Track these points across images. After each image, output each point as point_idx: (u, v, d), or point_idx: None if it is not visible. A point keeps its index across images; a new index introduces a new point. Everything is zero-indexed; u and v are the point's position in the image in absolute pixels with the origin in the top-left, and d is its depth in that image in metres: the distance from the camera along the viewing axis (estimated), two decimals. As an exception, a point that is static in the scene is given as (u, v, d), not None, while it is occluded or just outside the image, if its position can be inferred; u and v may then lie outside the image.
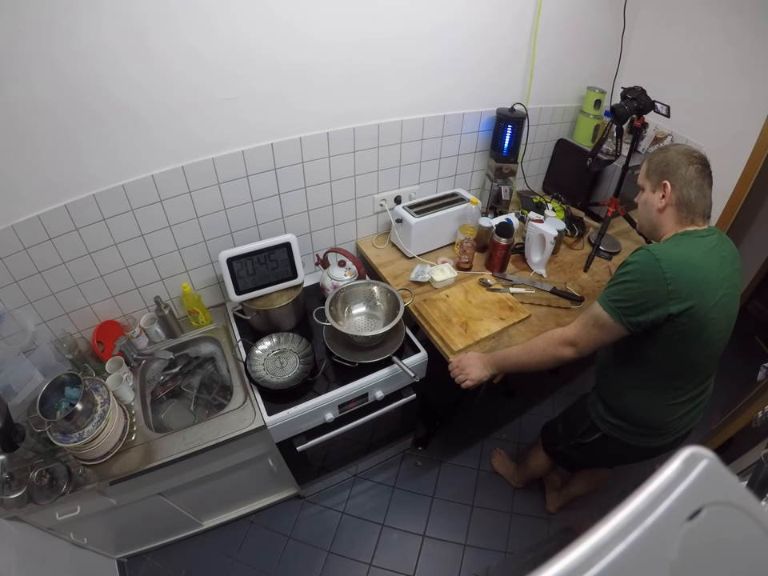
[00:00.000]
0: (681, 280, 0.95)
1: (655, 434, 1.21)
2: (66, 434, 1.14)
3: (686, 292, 0.96)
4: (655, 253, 0.98)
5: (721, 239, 1.06)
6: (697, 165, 1.03)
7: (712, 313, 1.00)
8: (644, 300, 0.98)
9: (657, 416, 1.17)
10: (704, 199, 1.05)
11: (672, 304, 0.96)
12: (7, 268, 1.24)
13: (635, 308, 1.00)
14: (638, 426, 1.20)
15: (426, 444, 2.08)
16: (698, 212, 1.05)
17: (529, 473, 1.82)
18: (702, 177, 1.04)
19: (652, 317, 0.99)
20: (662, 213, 1.09)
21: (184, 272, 1.57)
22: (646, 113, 1.55)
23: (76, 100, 1.10)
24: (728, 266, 1.04)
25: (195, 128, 1.29)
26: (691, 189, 1.03)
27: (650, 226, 1.14)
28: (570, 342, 1.13)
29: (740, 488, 0.29)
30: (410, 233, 1.68)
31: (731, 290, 1.04)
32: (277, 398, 1.37)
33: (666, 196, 1.06)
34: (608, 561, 0.25)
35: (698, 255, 0.99)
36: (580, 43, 1.80)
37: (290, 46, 1.28)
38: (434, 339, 1.45)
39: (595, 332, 1.08)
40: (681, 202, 1.05)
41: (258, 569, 1.71)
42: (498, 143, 1.79)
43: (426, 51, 1.49)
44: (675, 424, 1.18)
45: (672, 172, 1.05)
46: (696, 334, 1.01)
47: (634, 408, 1.18)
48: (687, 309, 0.96)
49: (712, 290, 0.99)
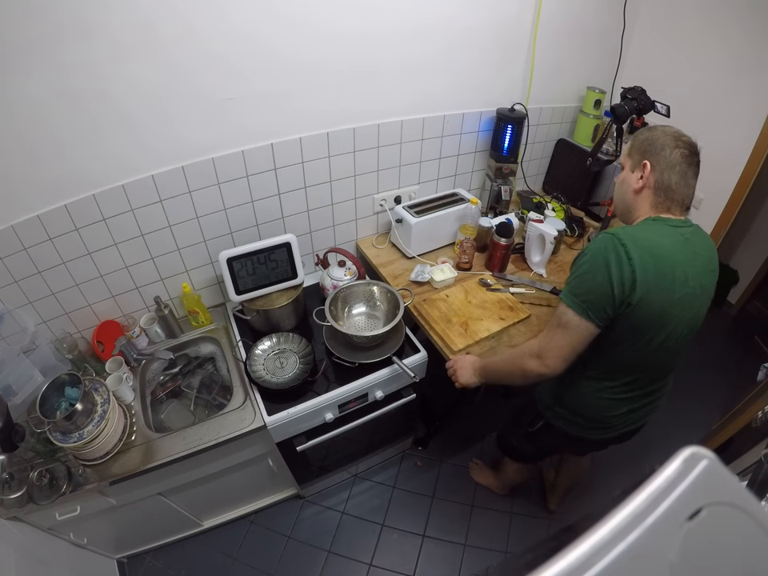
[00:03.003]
0: (645, 267, 0.89)
1: (595, 428, 1.17)
2: (66, 434, 1.14)
3: (648, 281, 0.90)
4: (619, 236, 0.91)
5: (697, 235, 1.00)
6: (683, 149, 0.96)
7: (674, 309, 0.94)
8: (609, 290, 0.91)
9: (600, 409, 1.13)
10: (685, 187, 0.98)
11: (633, 293, 0.90)
12: (7, 268, 1.24)
13: (602, 299, 0.92)
14: (578, 416, 1.17)
15: (425, 444, 2.08)
16: (676, 199, 0.98)
17: (507, 479, 1.82)
18: (687, 163, 0.96)
19: (618, 307, 0.92)
20: (638, 195, 1.02)
21: (184, 272, 1.57)
22: (645, 113, 1.55)
23: (76, 99, 1.10)
24: (700, 264, 0.98)
25: (195, 128, 1.29)
26: (673, 173, 0.96)
27: (624, 207, 1.07)
28: (534, 353, 1.03)
29: (740, 488, 0.29)
30: (410, 233, 1.68)
31: (699, 289, 0.98)
32: (277, 398, 1.37)
33: (644, 177, 0.99)
34: (608, 561, 0.25)
35: (667, 244, 0.93)
36: (580, 43, 1.80)
37: (294, 40, 1.27)
38: (434, 339, 1.45)
39: (560, 336, 0.98)
40: (659, 186, 0.98)
41: (258, 569, 1.71)
42: (498, 143, 1.79)
43: (425, 48, 1.49)
44: (618, 420, 1.14)
45: (655, 152, 0.98)
46: (652, 328, 0.96)
47: (579, 398, 1.13)
48: (647, 299, 0.91)
49: (678, 284, 0.93)
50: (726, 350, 2.57)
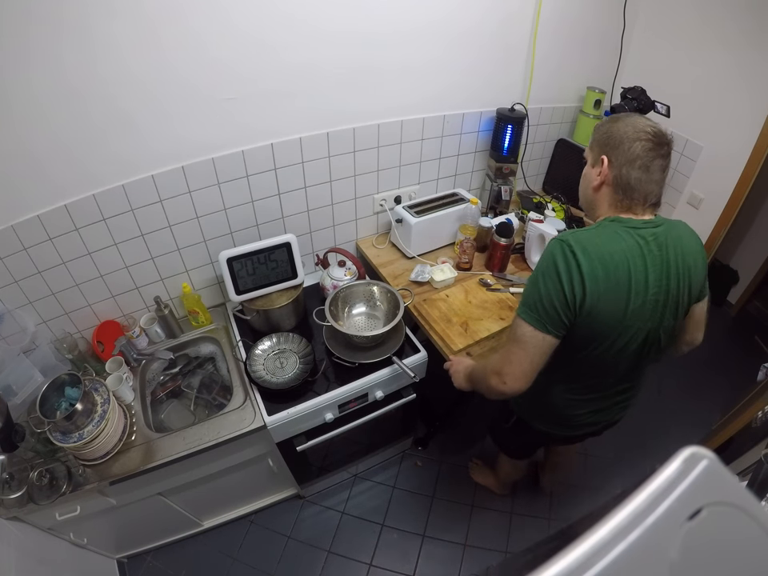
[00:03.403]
0: (594, 276, 0.85)
1: (563, 425, 1.17)
2: (66, 434, 1.14)
3: (598, 290, 0.86)
4: (569, 242, 0.87)
5: (666, 233, 0.91)
6: (645, 142, 0.87)
7: (630, 319, 0.90)
8: (563, 297, 0.86)
9: (564, 409, 1.13)
10: (648, 184, 0.89)
11: (584, 301, 0.86)
12: (7, 268, 1.24)
13: (556, 308, 0.87)
14: (545, 413, 1.17)
15: (425, 444, 2.08)
16: (637, 198, 0.90)
17: (504, 476, 1.81)
18: (651, 157, 0.87)
19: (573, 314, 0.88)
20: (597, 191, 0.95)
21: (184, 272, 1.57)
22: (645, 113, 1.56)
23: (76, 99, 1.10)
24: (660, 268, 0.90)
25: (195, 128, 1.29)
26: (632, 169, 0.88)
27: (586, 203, 1.02)
28: (495, 371, 0.98)
29: (740, 488, 0.29)
30: (410, 233, 1.68)
31: (664, 295, 0.92)
32: (277, 398, 1.37)
33: (602, 173, 0.93)
34: (608, 561, 0.25)
35: (621, 250, 0.87)
36: (580, 43, 1.80)
37: (294, 40, 1.27)
38: (434, 339, 1.45)
39: (516, 351, 0.93)
40: (618, 183, 0.91)
41: (258, 569, 1.70)
42: (498, 143, 1.79)
43: (425, 49, 1.49)
44: (584, 418, 1.14)
45: (613, 146, 0.90)
46: (609, 336, 0.92)
47: (543, 398, 1.11)
48: (598, 308, 0.87)
49: (633, 293, 0.88)
50: (726, 350, 2.57)
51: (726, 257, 2.74)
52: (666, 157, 0.89)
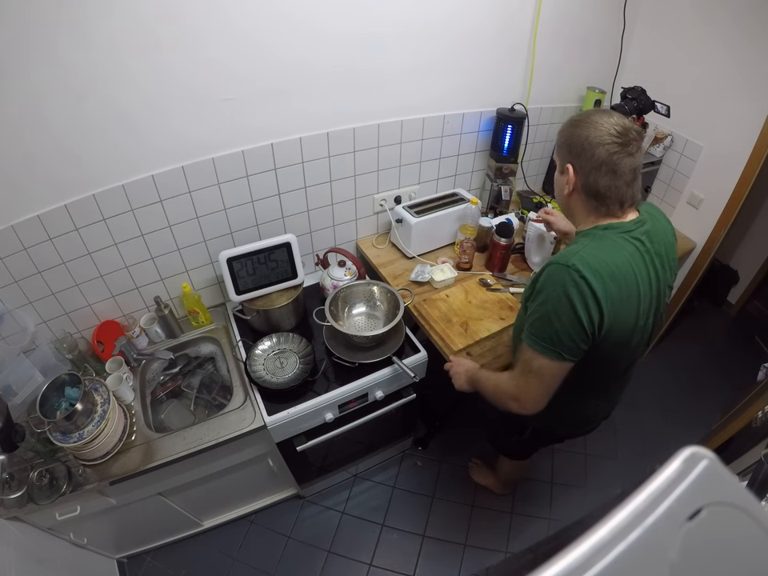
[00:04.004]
0: (609, 296, 0.82)
1: (582, 426, 1.20)
2: (66, 434, 1.14)
3: (615, 309, 0.84)
4: (576, 267, 0.82)
5: (653, 228, 0.91)
6: (609, 145, 0.82)
7: (640, 321, 0.91)
8: (579, 326, 0.83)
9: (582, 413, 1.15)
10: (619, 188, 0.85)
11: (602, 324, 0.84)
12: (7, 268, 1.24)
13: (573, 337, 0.84)
14: (562, 421, 1.18)
15: (426, 444, 2.08)
16: (611, 204, 0.87)
17: (506, 476, 1.81)
18: (617, 160, 0.83)
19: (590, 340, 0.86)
20: (570, 198, 0.93)
21: (184, 272, 1.57)
22: (646, 113, 1.56)
23: (76, 99, 1.10)
24: (658, 264, 0.91)
25: (195, 128, 1.29)
26: (599, 176, 0.85)
27: (564, 208, 0.99)
28: (511, 397, 0.98)
29: (740, 488, 0.29)
30: (410, 233, 1.68)
31: (661, 286, 0.95)
32: (277, 398, 1.37)
33: (569, 181, 0.90)
34: (608, 561, 0.25)
35: (623, 262, 0.85)
36: (580, 43, 1.80)
37: (293, 41, 1.27)
38: (434, 339, 1.45)
39: (534, 381, 0.91)
40: (588, 191, 0.88)
41: (258, 569, 1.70)
42: (498, 143, 1.79)
43: (425, 49, 1.49)
44: (602, 412, 1.18)
45: (576, 154, 0.86)
46: (623, 345, 0.93)
47: (560, 409, 1.06)
48: (615, 326, 0.86)
49: (642, 298, 0.89)
50: (726, 350, 2.57)
51: (726, 257, 2.74)
52: (635, 153, 0.84)
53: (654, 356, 2.47)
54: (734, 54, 1.60)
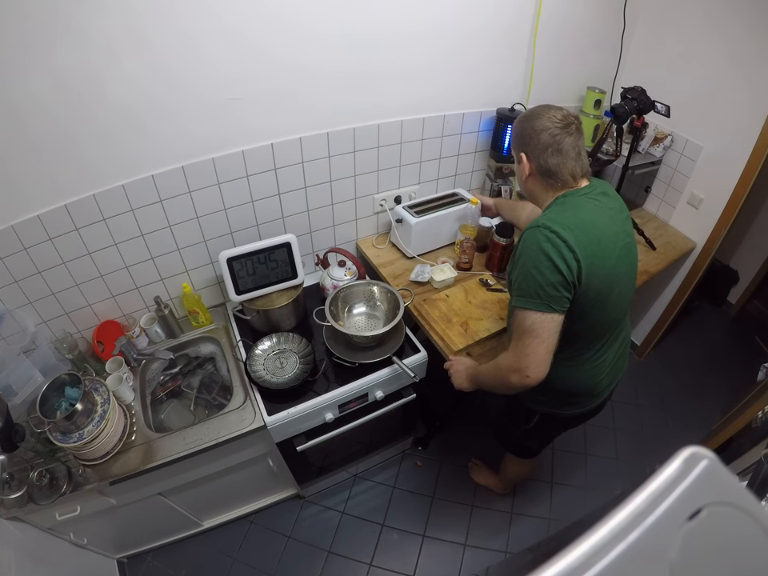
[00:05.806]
0: (581, 244, 0.91)
1: (588, 398, 1.20)
2: (66, 433, 1.14)
3: (588, 255, 0.92)
4: (546, 225, 0.93)
5: (602, 190, 1.03)
6: (551, 129, 0.96)
7: (617, 268, 0.99)
8: (560, 276, 0.91)
9: (586, 381, 1.15)
10: (568, 162, 0.98)
11: (581, 272, 0.92)
12: (7, 268, 1.24)
13: (557, 287, 0.92)
14: (568, 395, 1.18)
15: (425, 444, 2.08)
16: (565, 178, 1.00)
17: (512, 476, 1.80)
18: (559, 140, 0.96)
19: (573, 289, 0.93)
20: (528, 182, 1.06)
21: (184, 272, 1.57)
22: (645, 113, 1.56)
23: (76, 100, 1.10)
24: (617, 217, 1.02)
25: (195, 128, 1.29)
26: (547, 156, 0.98)
27: (528, 194, 1.11)
28: (512, 368, 1.01)
29: (740, 488, 0.29)
30: (410, 233, 1.68)
31: (628, 238, 1.04)
32: (277, 398, 1.37)
33: (524, 167, 1.03)
34: (608, 561, 0.25)
35: (587, 214, 0.96)
36: (580, 43, 1.80)
37: (291, 43, 1.27)
38: (434, 339, 1.45)
39: (531, 341, 0.96)
40: (542, 172, 1.01)
41: (258, 569, 1.71)
42: (498, 143, 1.79)
43: (424, 50, 1.49)
44: (605, 381, 1.18)
45: (525, 143, 1.01)
46: (607, 293, 0.98)
47: (561, 380, 1.11)
48: (593, 272, 0.93)
49: (611, 246, 0.97)
50: (726, 350, 2.57)
51: (726, 257, 2.74)
52: (575, 133, 0.98)
53: (654, 356, 2.48)
54: (735, 55, 1.60)
